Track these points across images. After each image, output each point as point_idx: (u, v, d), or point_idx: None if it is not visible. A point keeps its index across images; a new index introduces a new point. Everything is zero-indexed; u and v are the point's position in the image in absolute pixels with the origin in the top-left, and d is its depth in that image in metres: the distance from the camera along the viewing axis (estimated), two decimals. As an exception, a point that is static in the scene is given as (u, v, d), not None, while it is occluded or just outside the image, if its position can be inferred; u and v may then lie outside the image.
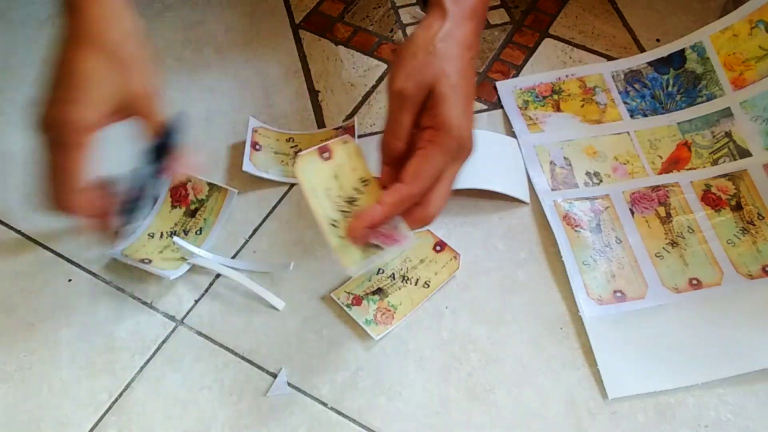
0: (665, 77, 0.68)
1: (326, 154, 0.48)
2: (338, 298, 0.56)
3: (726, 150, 0.62)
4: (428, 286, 0.57)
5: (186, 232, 0.61)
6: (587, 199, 0.62)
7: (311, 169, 0.47)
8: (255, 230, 0.62)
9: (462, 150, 0.47)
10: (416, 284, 0.57)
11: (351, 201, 0.48)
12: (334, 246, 0.46)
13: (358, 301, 0.56)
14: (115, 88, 0.42)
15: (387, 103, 0.48)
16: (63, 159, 0.42)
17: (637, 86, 0.68)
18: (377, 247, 0.48)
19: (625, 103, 0.67)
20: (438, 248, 0.59)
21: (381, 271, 0.58)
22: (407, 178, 0.45)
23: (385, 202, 0.45)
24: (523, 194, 0.62)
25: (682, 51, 0.68)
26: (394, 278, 0.58)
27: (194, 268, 0.59)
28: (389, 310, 0.56)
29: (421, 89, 0.46)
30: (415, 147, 0.46)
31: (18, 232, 0.61)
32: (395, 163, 0.47)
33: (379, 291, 0.57)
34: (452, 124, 0.45)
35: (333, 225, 0.47)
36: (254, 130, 0.66)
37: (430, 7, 0.49)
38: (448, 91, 0.45)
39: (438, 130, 0.45)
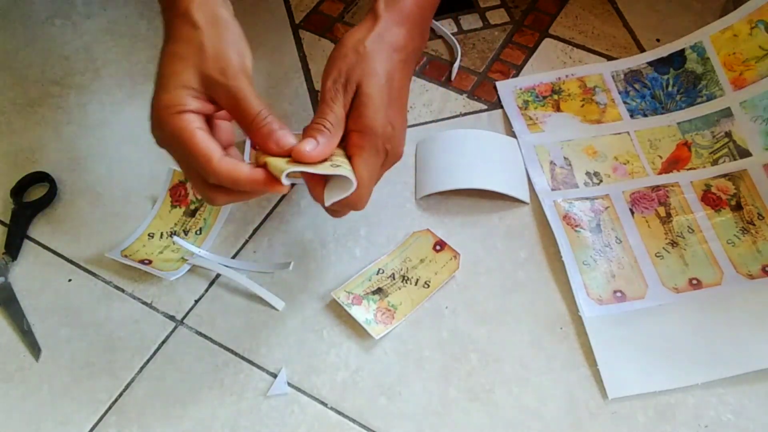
0: (665, 77, 0.68)
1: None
2: (338, 298, 0.56)
3: (726, 150, 0.62)
4: (428, 286, 0.57)
5: (186, 232, 0.61)
6: (587, 199, 0.62)
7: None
8: (255, 230, 0.62)
9: (389, 155, 0.47)
10: (416, 284, 0.57)
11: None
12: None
13: (358, 300, 0.56)
14: (191, 70, 0.42)
15: (319, 101, 0.47)
16: (184, 150, 0.42)
17: (637, 86, 0.68)
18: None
19: (625, 103, 0.67)
20: (438, 248, 0.59)
21: (381, 271, 0.58)
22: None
23: (329, 208, 0.47)
24: (523, 194, 0.62)
25: (682, 51, 0.68)
26: (394, 278, 0.58)
27: (194, 268, 0.59)
28: (389, 310, 0.56)
29: (351, 88, 0.46)
30: (347, 153, 0.46)
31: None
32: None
33: (379, 291, 0.57)
34: (376, 126, 0.45)
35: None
36: (254, 130, 0.66)
37: (366, 15, 0.51)
38: (375, 91, 0.46)
39: (363, 133, 0.45)
